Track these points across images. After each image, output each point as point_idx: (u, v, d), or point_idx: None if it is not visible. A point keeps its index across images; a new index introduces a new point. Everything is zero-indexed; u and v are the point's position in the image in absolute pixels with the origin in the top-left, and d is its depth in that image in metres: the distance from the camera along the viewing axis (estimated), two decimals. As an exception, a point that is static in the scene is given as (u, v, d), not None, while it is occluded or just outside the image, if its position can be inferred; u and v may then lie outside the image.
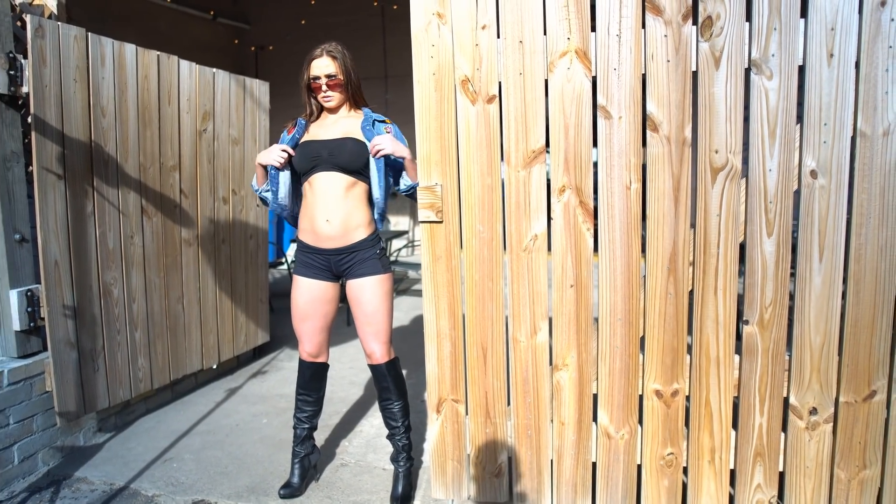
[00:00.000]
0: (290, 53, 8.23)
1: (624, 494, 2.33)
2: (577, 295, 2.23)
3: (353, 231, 2.44)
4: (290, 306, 2.59)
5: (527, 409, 2.33)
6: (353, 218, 2.43)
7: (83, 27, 2.91)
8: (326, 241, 2.43)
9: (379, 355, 2.49)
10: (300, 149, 2.45)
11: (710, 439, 2.24)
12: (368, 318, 2.47)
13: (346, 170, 2.39)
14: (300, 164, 2.44)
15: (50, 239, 2.80)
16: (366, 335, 2.49)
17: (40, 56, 2.72)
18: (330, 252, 2.45)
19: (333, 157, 2.37)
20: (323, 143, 2.41)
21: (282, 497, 2.57)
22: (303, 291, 2.51)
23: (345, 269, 2.47)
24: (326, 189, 2.40)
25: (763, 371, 2.17)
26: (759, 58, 2.01)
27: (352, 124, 2.47)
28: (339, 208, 2.40)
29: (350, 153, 2.37)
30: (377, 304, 2.45)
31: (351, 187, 2.42)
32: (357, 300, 2.47)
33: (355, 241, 2.44)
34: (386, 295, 2.48)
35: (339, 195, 2.40)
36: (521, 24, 2.12)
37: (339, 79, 2.42)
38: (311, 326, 2.54)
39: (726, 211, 2.09)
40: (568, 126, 2.14)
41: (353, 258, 2.45)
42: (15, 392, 2.77)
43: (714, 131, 2.06)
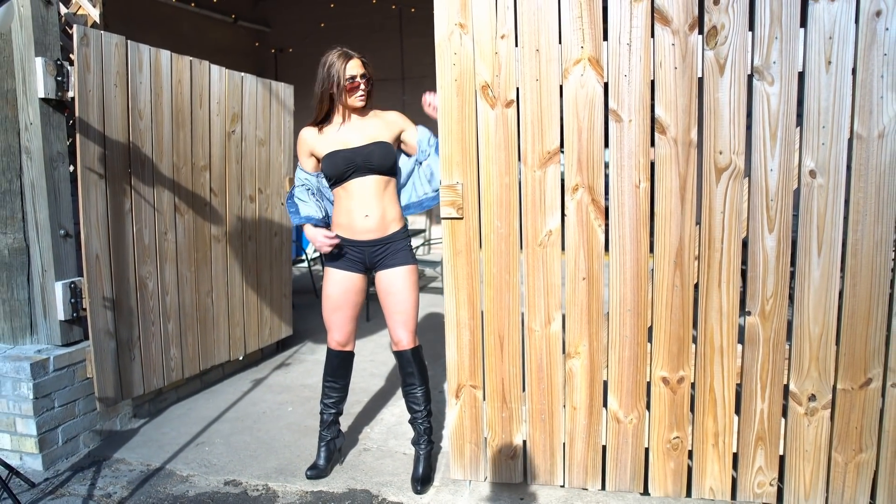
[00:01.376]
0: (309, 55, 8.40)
1: (632, 476, 2.47)
2: (589, 287, 2.38)
3: (390, 224, 2.63)
4: (322, 296, 2.74)
5: (541, 394, 2.48)
6: (388, 212, 2.62)
7: (113, 32, 3.08)
8: (364, 233, 2.60)
9: (406, 342, 2.65)
10: (330, 159, 2.58)
11: (714, 424, 2.37)
12: (398, 307, 2.63)
13: (379, 171, 2.56)
14: (335, 174, 2.59)
15: (91, 234, 2.97)
16: (394, 323, 2.65)
17: (85, 63, 2.89)
18: (366, 244, 2.61)
19: (368, 162, 2.54)
20: (354, 151, 2.56)
21: (308, 478, 2.72)
22: (336, 282, 2.67)
23: (377, 261, 2.64)
24: (364, 190, 2.57)
25: (764, 359, 2.30)
26: (761, 65, 2.15)
27: (374, 127, 2.63)
28: (377, 205, 2.59)
29: (381, 157, 2.55)
30: (407, 292, 2.62)
31: (386, 185, 2.61)
32: (388, 289, 2.63)
33: (390, 233, 2.63)
34: (414, 285, 2.65)
35: (377, 193, 2.58)
36: (538, 33, 2.27)
37: (369, 80, 2.58)
38: (341, 316, 2.69)
39: (730, 208, 2.23)
40: (581, 129, 2.29)
41: (387, 249, 2.62)
42: (59, 377, 2.95)
43: (718, 134, 2.20)
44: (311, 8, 8.36)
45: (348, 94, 2.57)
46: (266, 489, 2.70)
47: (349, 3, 8.13)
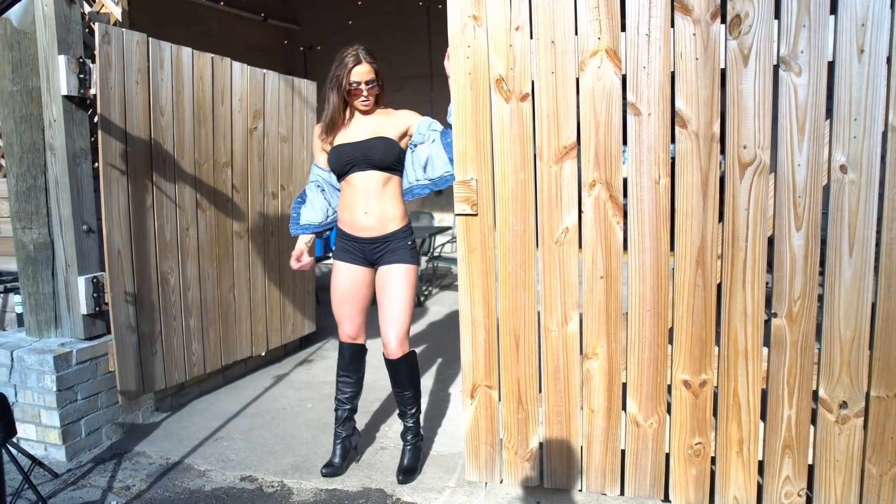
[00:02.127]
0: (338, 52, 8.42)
1: (652, 482, 2.39)
2: (607, 286, 2.30)
3: (388, 223, 2.59)
4: (331, 290, 2.73)
5: (557, 396, 2.41)
6: (388, 211, 2.58)
7: (144, 31, 3.11)
8: (364, 230, 2.58)
9: (394, 347, 2.61)
10: (334, 153, 2.59)
11: (738, 430, 2.28)
12: (389, 304, 2.60)
13: (379, 167, 2.53)
14: (337, 168, 2.60)
15: (114, 230, 3.00)
16: (385, 322, 2.62)
17: (106, 60, 2.92)
18: (366, 241, 2.60)
19: (367, 157, 2.51)
20: (355, 145, 2.55)
21: (324, 476, 2.71)
22: (343, 276, 2.66)
23: (377, 257, 2.62)
24: (364, 185, 2.55)
25: (792, 364, 2.20)
26: (787, 55, 2.05)
27: (379, 123, 2.61)
28: (376, 202, 2.56)
29: (382, 151, 2.51)
30: (400, 290, 2.59)
31: (386, 182, 2.57)
32: (383, 286, 2.61)
33: (389, 231, 2.60)
34: (410, 285, 2.61)
35: (377, 190, 2.55)
36: (553, 25, 2.21)
37: (378, 85, 2.55)
38: (350, 309, 2.68)
39: (754, 205, 2.13)
40: (598, 123, 2.21)
41: (386, 247, 2.60)
42: (82, 370, 2.99)
43: (742, 127, 2.10)
44: (339, 5, 8.37)
45: (351, 98, 2.55)
46: (281, 486, 2.69)
47: (377, 0, 8.11)
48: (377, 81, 2.56)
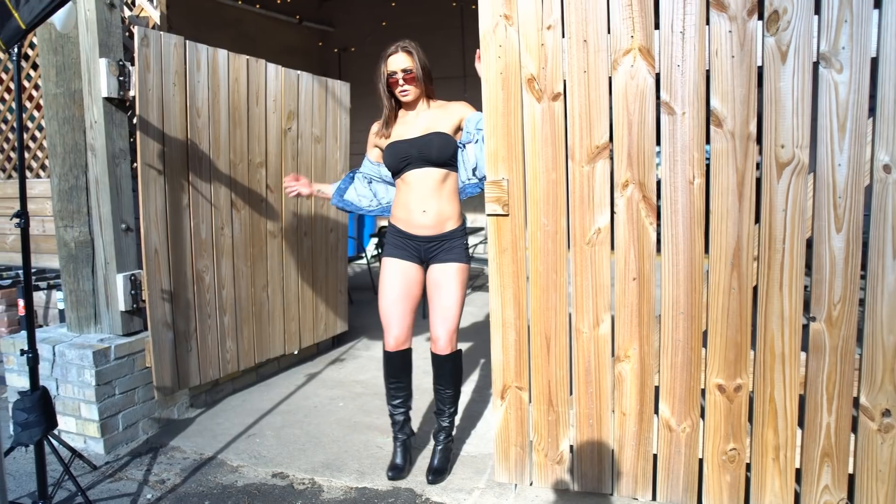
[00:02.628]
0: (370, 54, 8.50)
1: (685, 487, 2.35)
2: (640, 288, 2.27)
3: (445, 222, 2.60)
4: (378, 291, 2.73)
5: (589, 398, 2.39)
6: (445, 210, 2.59)
7: (182, 34, 3.17)
8: (420, 229, 2.59)
9: (443, 343, 2.61)
10: (389, 150, 2.61)
11: (774, 436, 2.22)
12: (442, 301, 2.59)
13: (436, 163, 2.53)
14: (392, 165, 2.61)
15: (151, 229, 3.07)
16: (436, 318, 2.61)
17: (145, 63, 2.98)
18: (421, 239, 2.60)
19: (423, 153, 2.52)
20: (410, 141, 2.56)
21: (390, 479, 2.68)
22: (394, 273, 2.66)
23: (432, 255, 2.62)
24: (421, 183, 2.56)
25: (831, 369, 2.14)
26: (828, 51, 1.99)
27: (433, 118, 2.61)
28: (433, 200, 2.57)
29: (438, 147, 2.52)
30: (453, 289, 2.59)
31: (444, 179, 2.58)
32: (436, 283, 2.61)
33: (446, 230, 2.60)
34: (462, 284, 2.61)
35: (434, 188, 2.56)
36: (586, 23, 2.18)
37: (413, 73, 2.54)
38: (401, 308, 2.66)
39: (792, 206, 2.08)
40: (631, 122, 2.18)
41: (442, 245, 2.60)
42: (120, 366, 3.06)
43: (780, 126, 2.05)
44: (373, 7, 8.44)
45: (393, 89, 2.57)
46: (312, 483, 2.72)
47: (410, 2, 8.16)
48: (413, 70, 2.55)
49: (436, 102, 2.70)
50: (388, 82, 2.58)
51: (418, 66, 2.55)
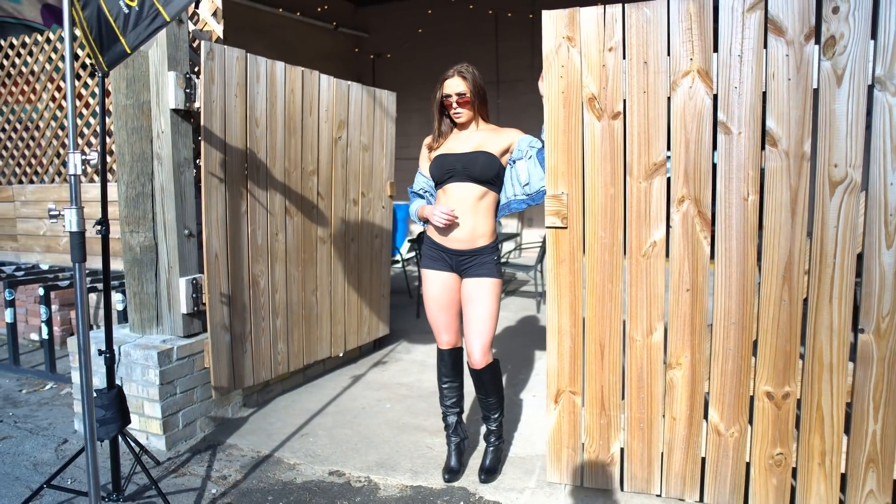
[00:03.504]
0: (406, 60, 8.67)
1: (732, 490, 2.45)
2: (693, 299, 2.38)
3: (478, 238, 2.70)
4: (424, 301, 2.85)
5: (640, 403, 2.49)
6: (479, 227, 2.69)
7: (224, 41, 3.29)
8: (454, 243, 2.70)
9: (478, 358, 2.70)
10: (436, 161, 2.72)
11: (820, 442, 2.32)
12: (476, 315, 2.70)
13: (478, 180, 2.64)
14: (437, 175, 2.72)
15: (212, 235, 3.21)
16: (470, 333, 2.72)
17: (210, 76, 3.12)
18: (454, 252, 2.72)
19: (467, 169, 2.63)
20: (457, 156, 2.68)
21: (447, 481, 2.78)
22: (435, 284, 2.78)
23: (464, 269, 2.73)
24: (460, 197, 2.66)
25: (878, 379, 2.23)
26: (883, 75, 2.09)
27: (483, 138, 2.72)
28: (469, 216, 2.67)
29: (482, 166, 2.62)
30: (487, 303, 2.69)
31: (482, 197, 2.68)
32: (470, 298, 2.72)
33: (478, 246, 2.70)
34: (495, 298, 2.71)
35: (471, 204, 2.67)
36: (646, 45, 2.30)
37: (467, 97, 2.66)
38: (447, 316, 2.79)
39: (844, 223, 2.18)
40: (689, 141, 2.29)
41: (474, 260, 2.70)
42: (181, 366, 3.19)
43: (834, 146, 2.15)
44: (408, 14, 8.60)
45: (447, 109, 2.69)
46: (368, 481, 2.83)
47: (446, 9, 8.30)
48: (468, 94, 2.67)
49: (488, 125, 2.80)
50: (444, 104, 2.70)
51: (473, 90, 2.66)
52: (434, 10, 8.33)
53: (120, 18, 1.84)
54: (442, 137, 2.78)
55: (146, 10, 1.79)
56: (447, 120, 2.79)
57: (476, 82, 2.69)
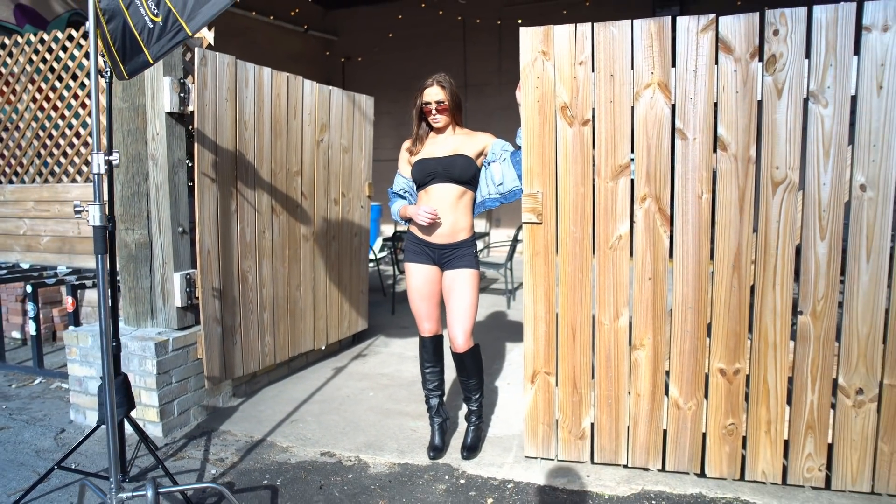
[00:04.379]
0: (375, 63, 8.88)
1: (690, 458, 2.73)
2: (654, 286, 2.66)
3: (458, 233, 2.95)
4: (407, 292, 3.08)
5: (608, 381, 2.76)
6: (459, 222, 2.94)
7: None
8: (437, 238, 2.94)
9: (461, 342, 2.95)
10: (418, 165, 2.96)
11: (766, 413, 2.62)
12: (458, 303, 2.94)
13: (458, 181, 2.88)
14: (419, 178, 2.95)
15: (204, 232, 3.38)
16: (453, 319, 2.95)
17: (203, 81, 3.30)
18: (436, 246, 2.96)
19: (448, 171, 2.87)
20: (438, 160, 2.92)
21: (431, 458, 3.02)
22: (418, 276, 3.01)
23: (445, 262, 2.97)
24: (441, 197, 2.91)
25: (815, 355, 2.54)
26: (816, 89, 2.40)
27: (459, 142, 2.96)
28: (450, 213, 2.92)
29: (461, 168, 2.87)
30: (467, 292, 2.93)
31: (462, 196, 2.93)
32: (450, 287, 2.96)
33: (459, 240, 2.95)
34: (474, 287, 2.96)
35: (452, 202, 2.91)
36: (613, 60, 2.57)
37: (446, 104, 2.90)
38: (429, 305, 3.03)
39: (784, 218, 2.48)
40: (650, 145, 2.57)
41: (454, 253, 2.95)
42: (176, 357, 3.36)
43: (775, 151, 2.45)
44: (378, 18, 8.80)
45: (425, 116, 2.92)
46: (358, 460, 3.05)
47: (416, 14, 8.52)
48: (446, 102, 2.90)
49: (462, 130, 3.05)
50: (423, 110, 2.93)
51: (450, 98, 2.90)
52: (404, 14, 8.56)
53: (145, 32, 2.02)
54: (419, 142, 3.00)
55: (170, 25, 1.98)
56: (425, 125, 3.02)
57: (453, 91, 2.94)
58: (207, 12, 1.96)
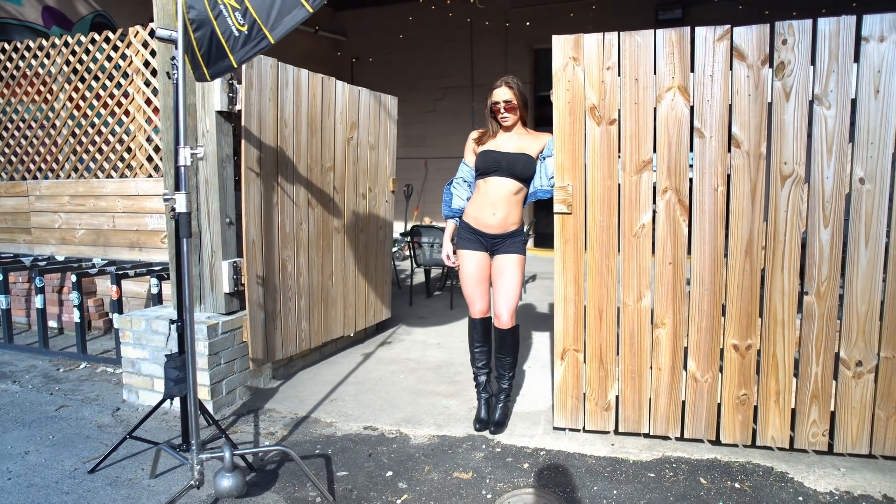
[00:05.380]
0: (383, 63, 9.13)
1: (706, 426, 3.02)
2: (674, 270, 2.93)
3: (510, 225, 3.22)
4: (460, 277, 3.33)
5: (632, 357, 3.04)
6: (511, 216, 3.21)
7: None
8: (489, 228, 3.20)
9: (505, 319, 3.23)
10: (484, 155, 3.20)
11: (775, 384, 2.90)
12: (504, 285, 3.21)
13: (518, 177, 3.15)
14: (482, 167, 3.20)
15: (250, 223, 3.63)
16: (499, 298, 3.23)
17: (249, 82, 3.54)
18: (488, 236, 3.22)
19: (511, 166, 3.13)
20: (503, 154, 3.17)
21: (477, 430, 3.28)
22: (471, 262, 3.27)
23: (495, 248, 3.24)
24: (498, 189, 3.17)
25: (819, 331, 2.83)
26: (820, 93, 2.68)
27: (524, 142, 3.21)
28: (504, 206, 3.18)
29: (523, 166, 3.13)
30: (514, 275, 3.21)
31: (517, 192, 3.19)
32: (499, 270, 3.23)
33: (509, 231, 3.22)
34: (520, 271, 3.23)
35: (507, 196, 3.17)
36: (637, 66, 2.84)
37: (513, 103, 3.15)
38: (481, 289, 3.29)
39: (792, 208, 2.77)
40: (671, 143, 2.85)
41: (505, 241, 3.23)
42: (224, 339, 3.61)
43: (784, 147, 2.74)
44: (386, 19, 9.04)
45: (495, 114, 3.18)
46: (399, 433, 3.31)
47: (423, 15, 8.77)
48: (514, 101, 3.14)
49: (528, 130, 3.29)
50: (493, 109, 3.19)
51: (517, 97, 3.15)
52: (414, 16, 8.81)
53: (231, 40, 2.27)
54: (491, 136, 3.25)
55: (254, 34, 2.23)
56: (496, 122, 3.27)
57: (520, 91, 3.18)
58: (288, 23, 2.21)
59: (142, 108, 4.72)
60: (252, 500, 2.64)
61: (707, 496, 2.63)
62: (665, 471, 2.85)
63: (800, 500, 2.60)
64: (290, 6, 2.16)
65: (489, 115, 3.24)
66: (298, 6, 2.15)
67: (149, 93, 4.68)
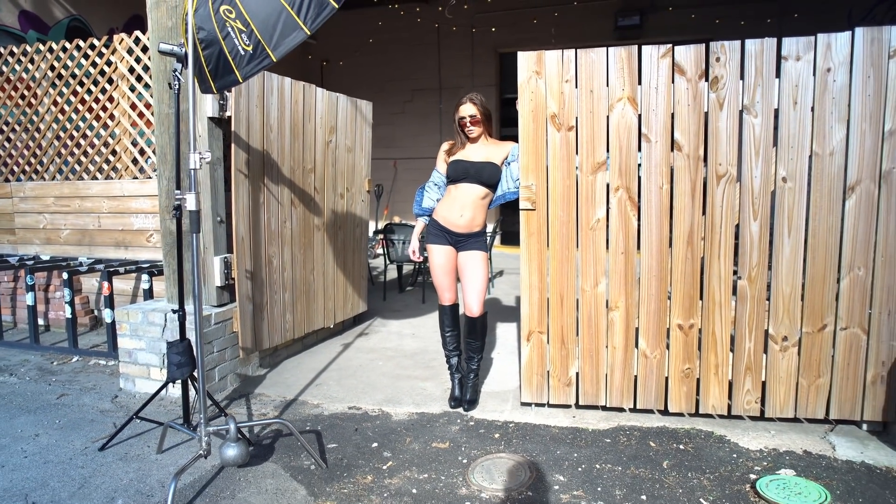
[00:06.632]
0: (354, 66, 9.41)
1: (656, 397, 3.41)
2: (626, 259, 3.32)
3: (474, 226, 3.56)
4: (430, 268, 3.67)
5: (590, 337, 3.42)
6: (477, 218, 3.55)
7: None
8: (456, 227, 3.54)
9: (475, 309, 3.57)
10: (455, 164, 3.54)
11: (715, 358, 3.31)
12: (472, 280, 3.55)
13: (485, 184, 3.49)
14: (454, 175, 3.54)
15: (239, 221, 3.91)
16: (468, 293, 3.57)
17: (238, 90, 3.82)
18: (455, 234, 3.56)
19: (478, 174, 3.47)
20: (471, 163, 3.51)
21: (452, 407, 3.63)
22: (440, 254, 3.61)
23: (460, 245, 3.58)
24: (467, 194, 3.51)
25: (751, 311, 3.24)
26: (748, 104, 3.09)
27: (490, 151, 3.56)
28: (471, 209, 3.52)
29: (489, 173, 3.48)
30: (479, 270, 3.55)
31: (484, 196, 3.53)
32: (465, 266, 3.57)
33: (473, 231, 3.56)
34: (485, 265, 3.58)
35: (475, 200, 3.51)
36: (592, 79, 3.22)
37: (477, 118, 3.50)
38: (449, 279, 3.63)
39: (726, 203, 3.17)
40: (622, 147, 3.23)
41: (469, 239, 3.56)
42: (217, 329, 3.88)
43: (718, 151, 3.14)
44: (356, 23, 9.32)
45: (461, 128, 3.52)
46: (381, 412, 3.63)
47: (393, 20, 9.08)
48: (478, 116, 3.48)
49: (492, 140, 3.63)
50: (460, 123, 3.53)
51: (480, 112, 3.50)
52: (383, 21, 9.12)
53: (237, 58, 2.57)
54: (460, 147, 3.60)
55: (258, 52, 2.53)
56: (463, 134, 3.61)
57: (483, 106, 3.53)
58: (289, 44, 2.52)
59: (126, 112, 4.94)
60: (253, 469, 2.94)
61: (655, 456, 3.02)
62: (620, 437, 3.23)
63: (734, 456, 3.00)
64: (290, 29, 2.47)
65: (457, 128, 3.58)
66: (297, 29, 2.46)
67: (133, 98, 4.90)
